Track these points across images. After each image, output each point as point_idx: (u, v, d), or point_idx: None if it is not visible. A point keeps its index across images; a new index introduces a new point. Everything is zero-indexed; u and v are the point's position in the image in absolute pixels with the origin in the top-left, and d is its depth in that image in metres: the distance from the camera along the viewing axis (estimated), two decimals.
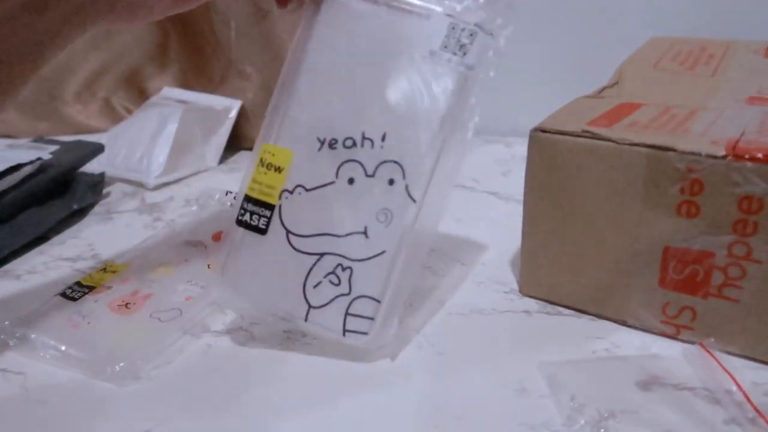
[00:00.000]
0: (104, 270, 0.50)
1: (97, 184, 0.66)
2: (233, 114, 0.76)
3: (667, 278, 0.39)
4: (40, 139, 0.74)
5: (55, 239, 0.58)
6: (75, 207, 0.61)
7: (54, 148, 0.67)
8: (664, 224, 0.38)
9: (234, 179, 0.70)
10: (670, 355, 0.39)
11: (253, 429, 0.35)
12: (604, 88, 0.50)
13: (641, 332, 0.42)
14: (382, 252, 0.33)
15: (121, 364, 0.40)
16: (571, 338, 0.42)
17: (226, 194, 0.61)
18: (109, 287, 0.47)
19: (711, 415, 0.34)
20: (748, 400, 0.34)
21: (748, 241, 0.36)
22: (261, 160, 0.34)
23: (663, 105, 0.44)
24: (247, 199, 0.34)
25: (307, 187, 0.33)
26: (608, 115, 0.42)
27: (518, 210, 0.45)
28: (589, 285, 0.43)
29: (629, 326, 0.42)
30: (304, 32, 0.34)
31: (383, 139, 0.33)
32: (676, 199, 0.37)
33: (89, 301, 0.46)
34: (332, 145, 0.33)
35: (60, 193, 0.62)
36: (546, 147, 0.41)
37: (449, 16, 0.33)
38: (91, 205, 0.65)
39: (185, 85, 0.84)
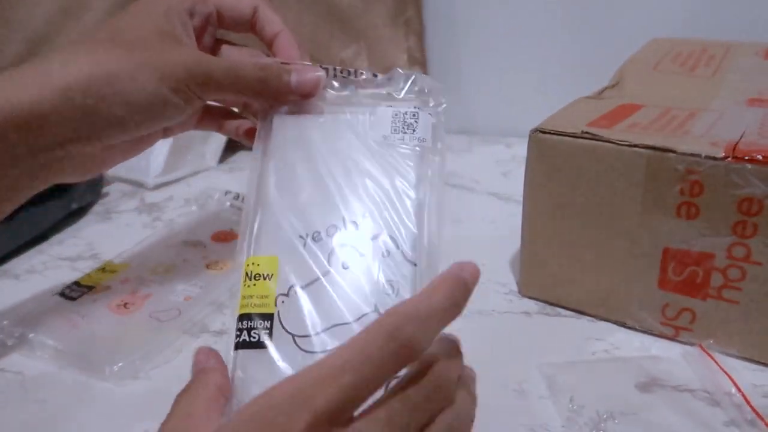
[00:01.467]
0: (103, 270, 0.50)
1: (97, 184, 0.66)
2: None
3: (667, 280, 0.39)
4: None
5: (54, 239, 0.58)
6: (74, 206, 0.61)
7: None
8: (663, 225, 0.38)
9: (234, 179, 0.70)
10: (670, 356, 0.39)
11: None
12: (604, 89, 0.50)
13: (641, 333, 0.42)
14: None
15: (120, 364, 0.39)
16: (570, 339, 0.42)
17: (226, 194, 0.61)
18: (108, 287, 0.47)
19: (710, 417, 0.34)
20: (747, 401, 0.34)
21: (747, 243, 0.36)
22: (246, 274, 0.32)
23: (663, 106, 0.44)
24: (241, 318, 0.31)
25: (302, 285, 0.31)
26: (608, 117, 0.42)
27: (518, 210, 0.44)
28: (588, 286, 0.43)
29: (629, 328, 0.42)
30: (261, 155, 0.36)
31: (365, 217, 0.33)
32: (675, 200, 0.37)
33: (88, 301, 0.46)
34: (316, 237, 0.33)
35: (59, 192, 0.62)
36: (546, 148, 0.41)
37: (390, 107, 0.36)
38: (91, 205, 0.64)
39: None
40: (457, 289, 0.26)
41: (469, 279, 0.26)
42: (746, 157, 0.34)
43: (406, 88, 0.37)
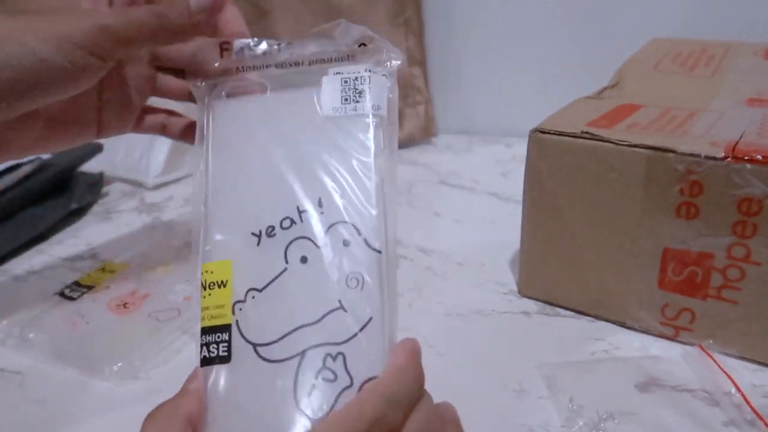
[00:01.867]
0: (103, 270, 0.50)
1: (96, 184, 0.66)
2: None
3: (667, 280, 0.39)
4: None
5: (54, 239, 0.58)
6: (74, 206, 0.61)
7: None
8: (663, 225, 0.38)
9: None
10: (669, 356, 0.39)
11: None
12: (604, 89, 0.50)
13: (640, 334, 0.42)
14: (369, 320, 0.28)
15: (120, 364, 0.40)
16: (570, 339, 0.42)
17: None
18: (107, 287, 0.47)
19: (710, 417, 0.34)
20: (747, 401, 0.34)
21: (747, 243, 0.36)
22: (202, 284, 0.29)
23: (663, 106, 0.44)
24: (203, 332, 0.28)
25: (260, 287, 0.29)
26: (608, 116, 0.42)
27: (518, 210, 0.44)
28: (588, 286, 0.43)
29: (628, 328, 0.42)
30: (202, 143, 0.32)
31: (320, 204, 0.30)
32: (675, 200, 0.37)
33: (88, 301, 0.46)
34: (270, 233, 0.30)
35: (59, 192, 0.62)
36: (546, 148, 0.41)
37: (338, 73, 0.32)
38: (90, 205, 0.64)
39: None
40: (419, 368, 0.27)
41: (420, 355, 0.28)
42: (746, 157, 0.34)
43: (347, 37, 0.33)
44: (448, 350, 0.41)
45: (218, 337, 0.28)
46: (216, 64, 0.35)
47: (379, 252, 0.29)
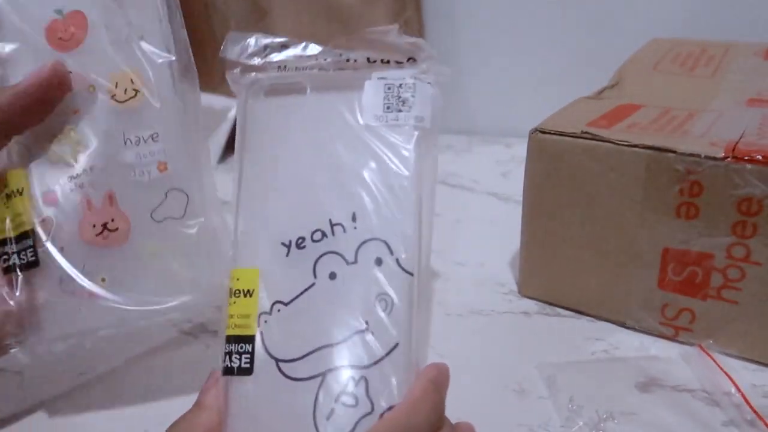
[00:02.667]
0: None
1: None
2: (233, 114, 0.76)
3: (666, 280, 0.39)
4: None
5: None
6: None
7: None
8: (663, 226, 0.38)
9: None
10: (669, 356, 0.39)
11: None
12: (604, 89, 0.50)
13: (640, 334, 0.42)
14: (395, 345, 0.27)
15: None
16: (570, 339, 0.42)
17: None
18: None
19: (709, 417, 0.34)
20: (747, 401, 0.34)
21: (747, 243, 0.36)
22: (230, 289, 0.29)
23: (663, 106, 0.44)
24: (227, 340, 0.28)
25: (286, 300, 0.28)
26: (608, 117, 0.42)
27: (518, 210, 0.44)
28: (588, 286, 0.43)
29: (628, 328, 0.42)
30: (239, 148, 0.32)
31: (353, 219, 0.29)
32: (675, 200, 0.37)
33: None
34: (300, 244, 0.29)
35: None
36: (546, 148, 0.41)
37: (382, 78, 0.31)
38: None
39: None
40: (439, 398, 0.27)
41: (445, 383, 0.28)
42: (746, 157, 0.34)
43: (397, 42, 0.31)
44: (447, 350, 0.41)
45: (242, 347, 0.27)
46: (258, 60, 0.32)
47: (411, 274, 0.28)
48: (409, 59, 0.31)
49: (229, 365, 0.27)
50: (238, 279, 0.28)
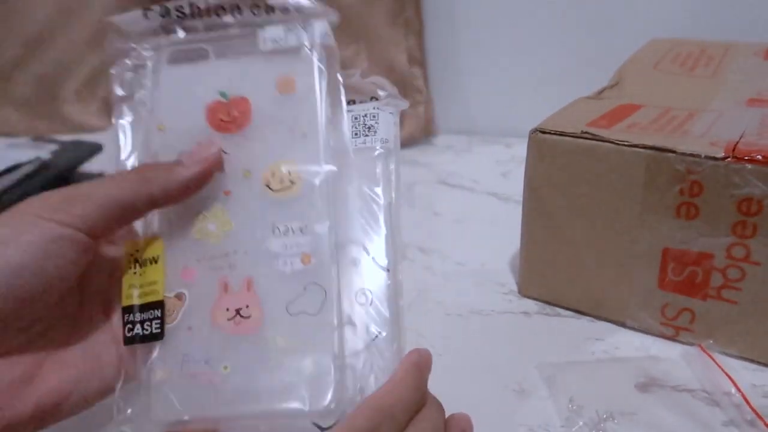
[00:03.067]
0: None
1: None
2: None
3: (666, 280, 0.39)
4: (39, 138, 0.74)
5: None
6: None
7: (53, 147, 0.67)
8: (663, 226, 0.38)
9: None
10: (669, 356, 0.39)
11: None
12: (604, 90, 0.50)
13: (640, 334, 0.42)
14: (377, 335, 0.31)
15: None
16: (570, 339, 0.42)
17: None
18: None
19: (709, 417, 0.34)
20: (747, 401, 0.34)
21: (747, 243, 0.36)
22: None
23: (663, 106, 0.44)
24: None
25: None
26: (608, 117, 0.42)
27: (518, 210, 0.44)
28: (588, 286, 0.43)
29: (628, 328, 0.42)
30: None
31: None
32: (675, 200, 0.37)
33: None
34: None
35: None
36: (546, 148, 0.41)
37: (350, 111, 0.34)
38: None
39: None
40: (420, 379, 0.28)
41: (426, 366, 0.28)
42: (746, 157, 0.34)
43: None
44: (447, 350, 0.41)
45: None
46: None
47: (387, 270, 0.31)
48: (372, 98, 0.35)
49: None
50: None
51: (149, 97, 0.33)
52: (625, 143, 0.38)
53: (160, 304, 0.30)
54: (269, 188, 0.31)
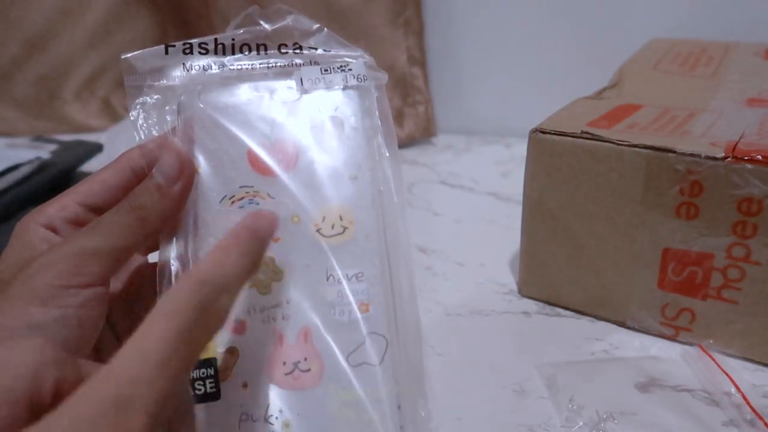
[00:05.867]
0: None
1: None
2: None
3: (666, 280, 0.39)
4: (39, 138, 0.74)
5: None
6: None
7: (53, 147, 0.67)
8: (663, 226, 0.38)
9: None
10: (669, 356, 0.39)
11: None
12: (604, 89, 0.50)
13: (640, 334, 0.42)
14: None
15: None
16: (570, 339, 0.42)
17: None
18: None
19: (709, 417, 0.34)
20: (747, 401, 0.34)
21: (747, 243, 0.36)
22: None
23: (663, 106, 0.44)
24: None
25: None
26: (608, 117, 0.42)
27: (518, 210, 0.45)
28: (588, 286, 0.43)
29: (628, 328, 0.42)
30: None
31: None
32: (675, 200, 0.37)
33: None
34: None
35: (59, 192, 0.62)
36: (545, 148, 0.41)
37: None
38: None
39: None
40: (253, 241, 0.25)
41: (264, 230, 0.26)
42: (746, 157, 0.34)
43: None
44: (447, 350, 0.41)
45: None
46: None
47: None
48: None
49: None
50: None
51: (181, 138, 0.30)
52: (625, 143, 0.38)
53: (212, 362, 0.28)
54: (321, 234, 0.30)
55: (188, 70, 0.31)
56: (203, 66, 0.31)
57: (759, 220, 0.35)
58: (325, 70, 0.31)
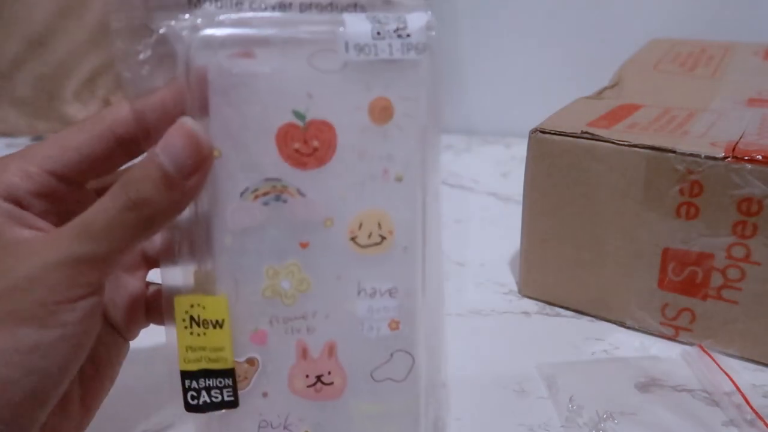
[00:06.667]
0: None
1: None
2: None
3: (666, 280, 0.39)
4: (39, 138, 0.74)
5: None
6: None
7: None
8: (663, 226, 0.38)
9: None
10: (669, 356, 0.39)
11: None
12: (604, 89, 0.50)
13: (640, 334, 0.42)
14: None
15: None
16: (570, 339, 0.42)
17: None
18: None
19: (709, 417, 0.34)
20: (747, 401, 0.34)
21: (747, 243, 0.36)
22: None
23: (663, 106, 0.44)
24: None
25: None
26: (608, 116, 0.42)
27: (518, 211, 0.44)
28: (588, 286, 0.43)
29: (628, 328, 0.42)
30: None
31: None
32: (675, 200, 0.37)
33: None
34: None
35: None
36: (546, 148, 0.41)
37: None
38: None
39: None
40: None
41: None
42: (746, 157, 0.34)
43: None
44: (447, 350, 0.41)
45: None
46: None
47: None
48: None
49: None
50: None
51: (191, 104, 0.24)
52: (625, 143, 0.38)
53: (231, 372, 0.26)
54: (356, 242, 0.26)
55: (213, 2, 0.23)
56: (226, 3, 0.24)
57: (759, 220, 0.35)
58: (378, 34, 0.24)
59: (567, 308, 0.45)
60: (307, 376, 0.27)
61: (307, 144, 0.25)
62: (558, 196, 0.42)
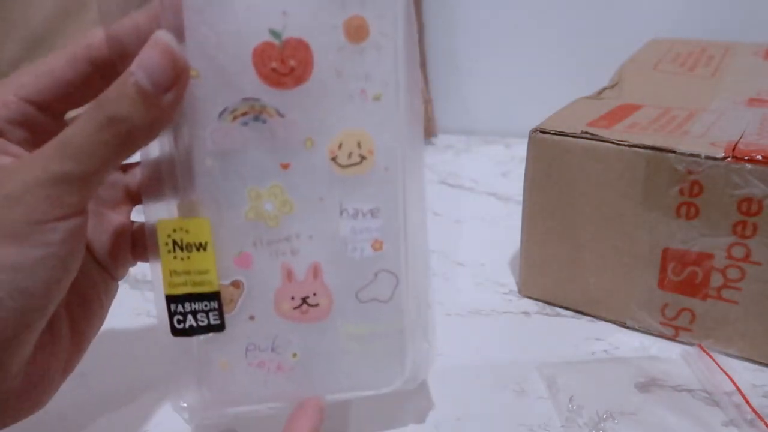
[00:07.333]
0: None
1: None
2: None
3: (666, 280, 0.39)
4: None
5: None
6: None
7: None
8: (663, 226, 0.38)
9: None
10: (669, 356, 0.39)
11: None
12: (604, 89, 0.50)
13: (640, 334, 0.42)
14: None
15: None
16: (570, 339, 0.42)
17: None
18: None
19: (709, 417, 0.34)
20: (747, 401, 0.34)
21: (747, 243, 0.36)
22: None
23: (663, 106, 0.44)
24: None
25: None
26: (608, 116, 0.42)
27: (517, 211, 0.45)
28: (588, 286, 0.43)
29: (628, 328, 0.42)
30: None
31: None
32: (675, 200, 0.37)
33: None
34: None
35: None
36: (545, 148, 0.41)
37: None
38: None
39: None
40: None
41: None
42: (746, 157, 0.34)
43: None
44: (447, 350, 0.41)
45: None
46: None
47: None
48: None
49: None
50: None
51: (164, 22, 0.24)
52: (625, 143, 0.38)
53: (216, 295, 0.26)
54: (336, 162, 0.26)
55: None
56: None
57: (759, 220, 0.35)
58: None
59: (567, 308, 0.45)
60: (292, 298, 0.27)
61: (285, 63, 0.25)
62: (558, 196, 0.42)
